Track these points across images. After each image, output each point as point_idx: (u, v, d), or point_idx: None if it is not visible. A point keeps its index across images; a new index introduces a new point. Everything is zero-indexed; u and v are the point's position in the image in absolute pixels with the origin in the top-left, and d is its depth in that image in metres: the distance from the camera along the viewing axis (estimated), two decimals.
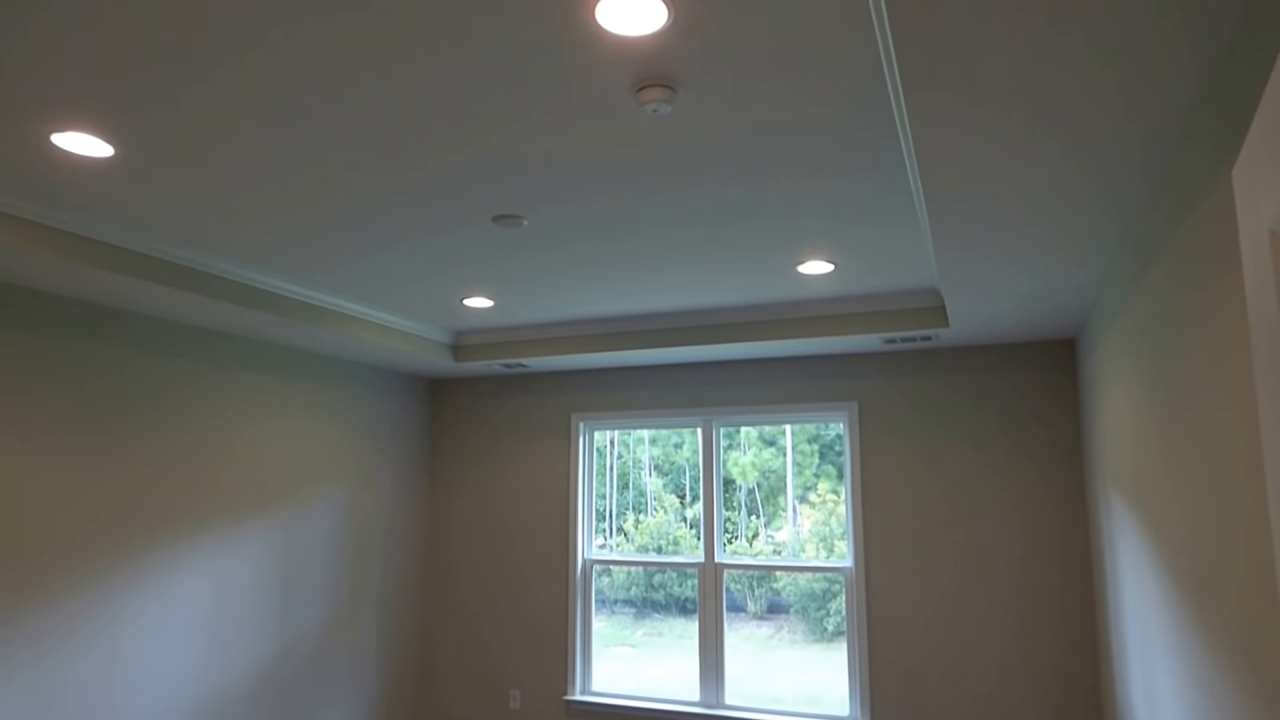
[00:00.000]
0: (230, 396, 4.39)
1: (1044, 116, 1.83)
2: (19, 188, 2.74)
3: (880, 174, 2.65)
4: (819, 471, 5.30)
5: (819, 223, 3.11)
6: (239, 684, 4.34)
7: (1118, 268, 2.87)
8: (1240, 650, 1.69)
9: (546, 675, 5.40)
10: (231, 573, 4.34)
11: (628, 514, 5.68)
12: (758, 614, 5.41)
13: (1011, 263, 2.96)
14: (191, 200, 2.89)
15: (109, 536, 3.73)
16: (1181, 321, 2.03)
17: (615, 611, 5.62)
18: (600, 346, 4.88)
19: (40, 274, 3.24)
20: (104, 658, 3.68)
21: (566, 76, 2.04)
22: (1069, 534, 4.37)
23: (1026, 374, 4.57)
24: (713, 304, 4.41)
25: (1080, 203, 2.36)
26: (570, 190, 2.81)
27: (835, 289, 4.08)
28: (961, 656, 4.48)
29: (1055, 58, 1.58)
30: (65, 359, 3.59)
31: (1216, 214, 1.67)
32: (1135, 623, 2.98)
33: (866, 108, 2.20)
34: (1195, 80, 1.66)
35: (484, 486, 5.80)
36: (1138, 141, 1.95)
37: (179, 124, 2.30)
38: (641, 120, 2.28)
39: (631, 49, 1.92)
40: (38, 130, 2.32)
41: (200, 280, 3.56)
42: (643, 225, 3.16)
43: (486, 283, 3.98)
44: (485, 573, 5.70)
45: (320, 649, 4.88)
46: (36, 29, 1.83)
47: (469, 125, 2.31)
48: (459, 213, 3.02)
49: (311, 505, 4.89)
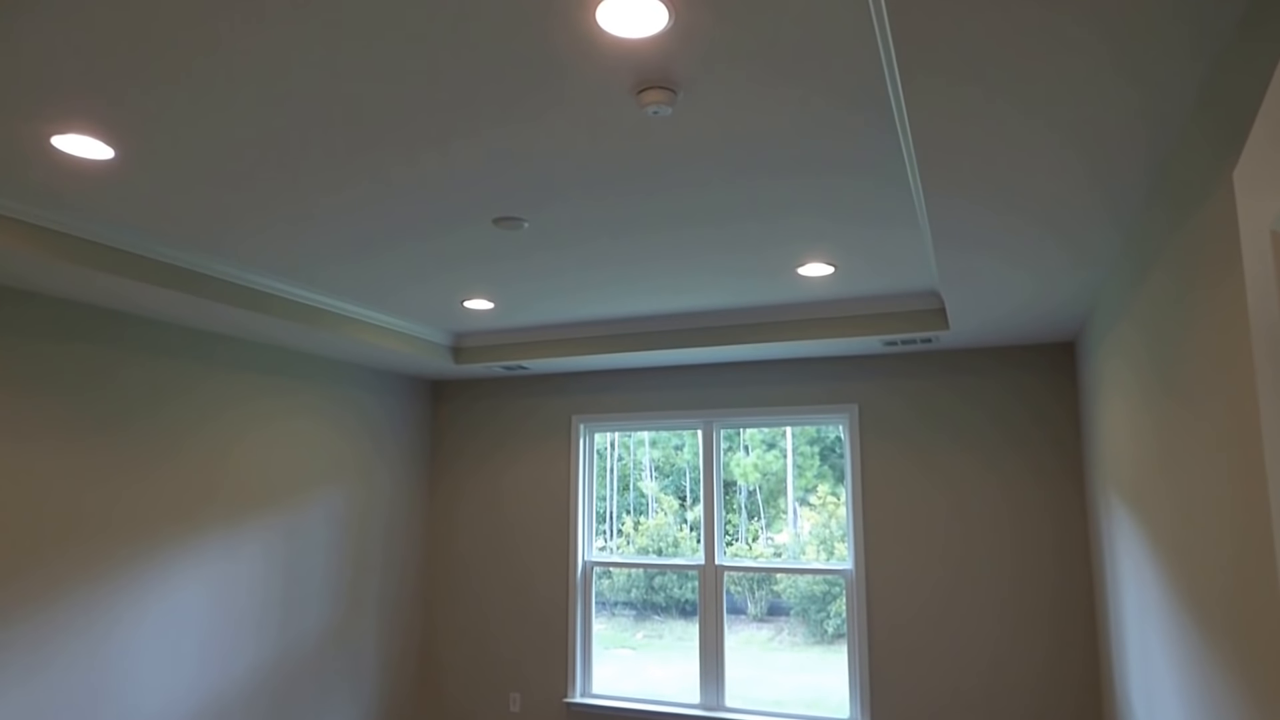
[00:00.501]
0: (230, 399, 4.39)
1: (1045, 113, 1.83)
2: (19, 190, 2.74)
3: (880, 175, 2.65)
4: (819, 474, 5.30)
5: (819, 224, 3.11)
6: (239, 686, 4.34)
7: (1118, 270, 2.87)
8: (1237, 647, 1.69)
9: (546, 678, 5.40)
10: (231, 575, 4.34)
11: (627, 516, 5.68)
12: (758, 616, 5.40)
13: (1011, 264, 2.96)
14: (192, 202, 2.89)
15: (109, 539, 3.73)
16: (1181, 325, 2.03)
17: (615, 614, 5.61)
18: (601, 348, 4.88)
19: (39, 276, 3.24)
20: (104, 660, 3.67)
21: (567, 78, 2.05)
22: (1068, 537, 4.37)
23: (1026, 377, 4.57)
24: (713, 306, 4.41)
25: (1081, 204, 2.36)
26: (571, 192, 2.81)
27: (835, 291, 4.09)
28: (960, 659, 4.48)
29: (1058, 54, 1.58)
30: (65, 362, 3.59)
31: (1217, 216, 1.67)
32: (1135, 624, 2.98)
33: (867, 109, 2.20)
34: (1198, 81, 1.66)
35: (484, 488, 5.79)
36: (1140, 142, 1.95)
37: (179, 126, 2.30)
38: (642, 122, 2.28)
39: (632, 51, 1.92)
40: (38, 132, 2.32)
41: (200, 282, 3.56)
42: (643, 227, 3.16)
43: (487, 285, 3.98)
44: (485, 575, 5.69)
45: (320, 652, 4.88)
46: (38, 31, 1.83)
47: (470, 127, 2.31)
48: (460, 215, 3.02)
49: (311, 508, 4.89)
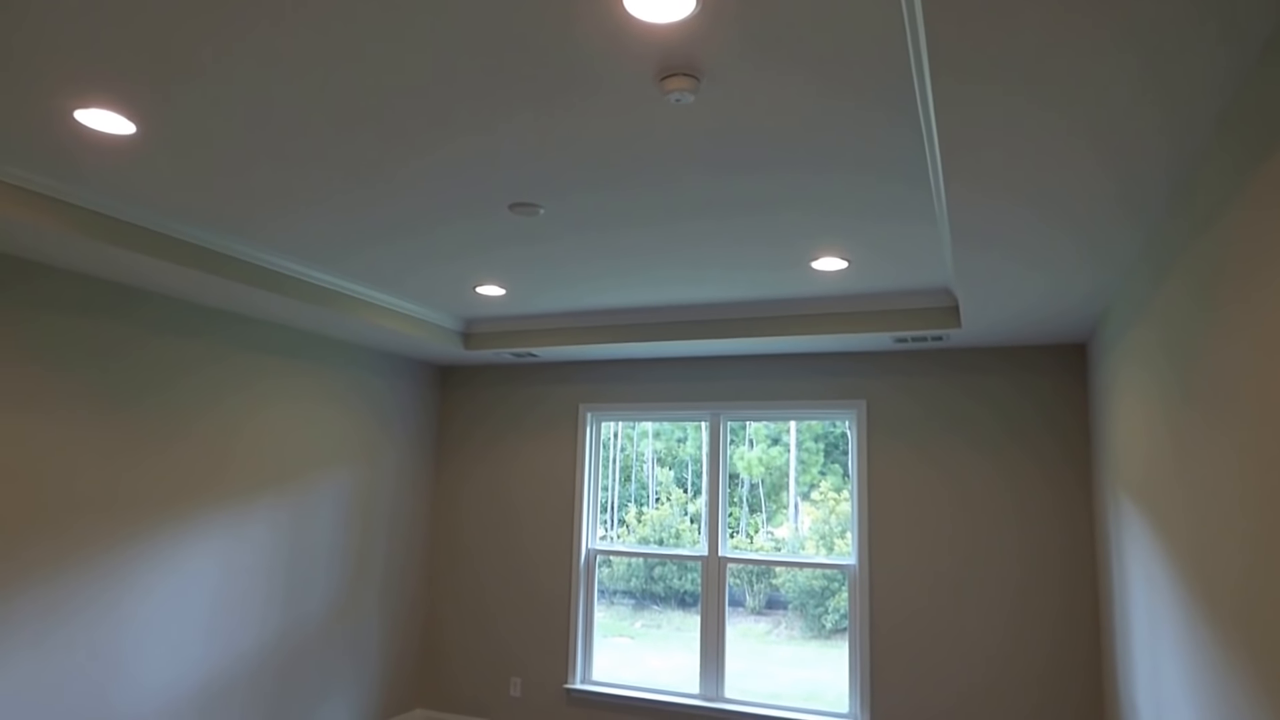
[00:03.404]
0: (242, 378, 4.40)
1: (1072, 115, 1.82)
2: (41, 163, 2.75)
3: (900, 171, 2.65)
4: (824, 469, 5.30)
5: (836, 218, 3.11)
6: (243, 663, 4.36)
7: (1136, 273, 2.86)
8: (1250, 646, 1.70)
9: (547, 663, 5.42)
10: (238, 554, 4.36)
11: (629, 506, 5.69)
12: (756, 609, 5.42)
13: (1029, 263, 2.96)
14: (210, 180, 2.89)
15: (118, 513, 3.75)
16: (1202, 333, 2.02)
17: (614, 602, 5.63)
18: (611, 338, 4.88)
19: (57, 250, 3.25)
20: (110, 632, 3.70)
21: (591, 63, 2.04)
22: (1073, 538, 4.37)
23: (1036, 377, 4.56)
24: (725, 298, 4.41)
25: (1103, 205, 2.36)
26: (588, 179, 2.81)
27: (847, 286, 4.08)
28: (962, 656, 4.49)
29: (1087, 65, 1.58)
30: (78, 336, 3.60)
31: (1242, 230, 1.67)
32: (1143, 624, 2.98)
33: (890, 103, 2.19)
34: (1226, 89, 1.65)
35: (490, 474, 5.81)
36: (1165, 146, 1.95)
37: (201, 104, 2.30)
38: (663, 110, 2.28)
39: (658, 36, 1.92)
40: (61, 106, 2.32)
41: (216, 261, 3.56)
42: (660, 217, 3.16)
43: (500, 271, 3.99)
44: (488, 560, 5.71)
45: (324, 632, 4.90)
46: (64, 4, 1.83)
47: (490, 111, 2.31)
48: (476, 200, 3.02)
49: (318, 488, 4.90)
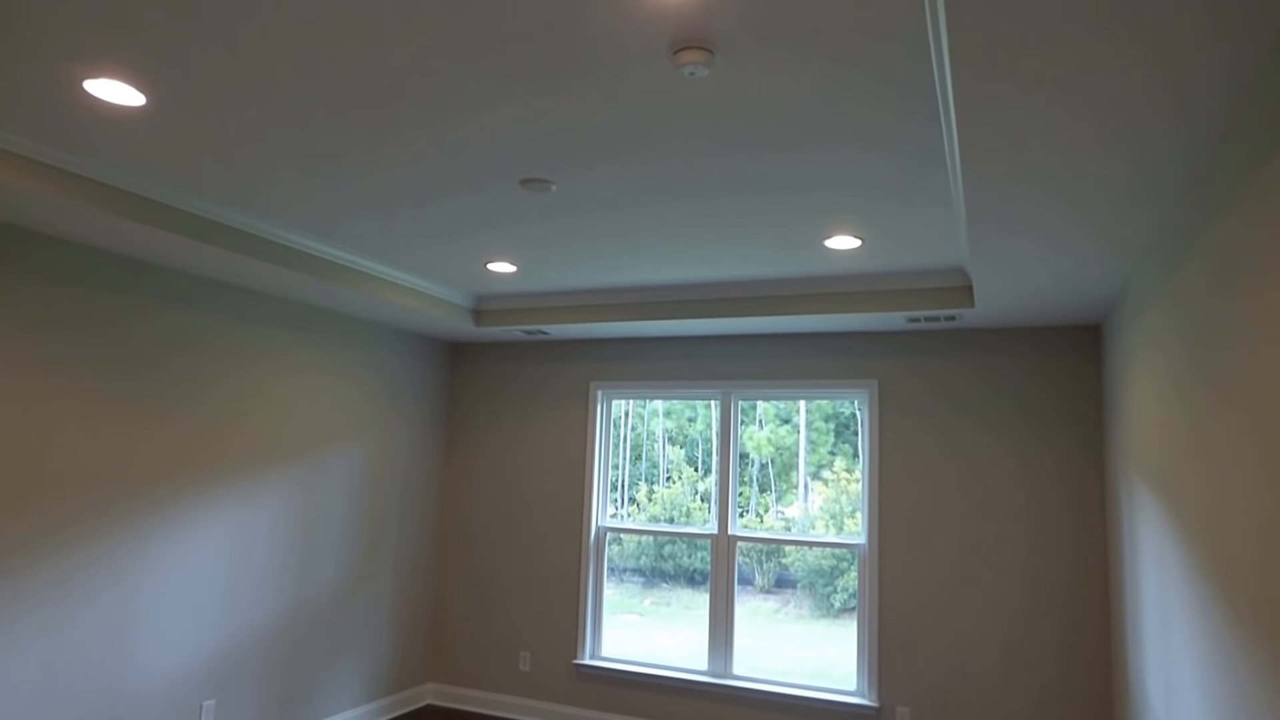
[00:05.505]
0: (253, 352, 4.41)
1: (1089, 103, 1.79)
2: (49, 133, 2.74)
3: (915, 150, 2.60)
4: (834, 449, 5.28)
5: (850, 196, 3.07)
6: (255, 635, 4.41)
7: (1151, 256, 2.82)
8: (1265, 630, 1.68)
9: (557, 638, 5.47)
10: (250, 526, 4.40)
11: (640, 484, 5.70)
12: (765, 588, 5.43)
13: (1044, 245, 2.92)
14: (220, 153, 2.88)
15: (131, 483, 3.78)
16: (1219, 317, 1.99)
17: (624, 580, 5.66)
18: (622, 316, 4.86)
19: (66, 222, 3.25)
20: (122, 601, 3.75)
21: (604, 35, 2.01)
22: (1085, 520, 4.35)
23: (1048, 358, 4.52)
24: (737, 276, 4.38)
25: (1119, 189, 2.31)
26: (601, 155, 2.78)
27: (860, 265, 4.04)
28: (971, 635, 4.49)
29: (1104, 58, 1.55)
30: (89, 307, 3.62)
31: (1258, 217, 1.63)
32: (1155, 607, 2.97)
33: (907, 81, 2.15)
34: (1239, 80, 1.61)
35: (501, 450, 5.83)
36: (1178, 137, 1.90)
37: (211, 76, 2.28)
38: (677, 84, 2.25)
39: (672, 7, 1.88)
40: (71, 75, 2.31)
41: (226, 234, 3.56)
42: (672, 194, 3.13)
43: (511, 247, 3.97)
44: (499, 535, 5.75)
45: (335, 604, 4.95)
46: None
47: (502, 85, 2.29)
48: (487, 175, 3.00)
49: (329, 462, 4.93)
